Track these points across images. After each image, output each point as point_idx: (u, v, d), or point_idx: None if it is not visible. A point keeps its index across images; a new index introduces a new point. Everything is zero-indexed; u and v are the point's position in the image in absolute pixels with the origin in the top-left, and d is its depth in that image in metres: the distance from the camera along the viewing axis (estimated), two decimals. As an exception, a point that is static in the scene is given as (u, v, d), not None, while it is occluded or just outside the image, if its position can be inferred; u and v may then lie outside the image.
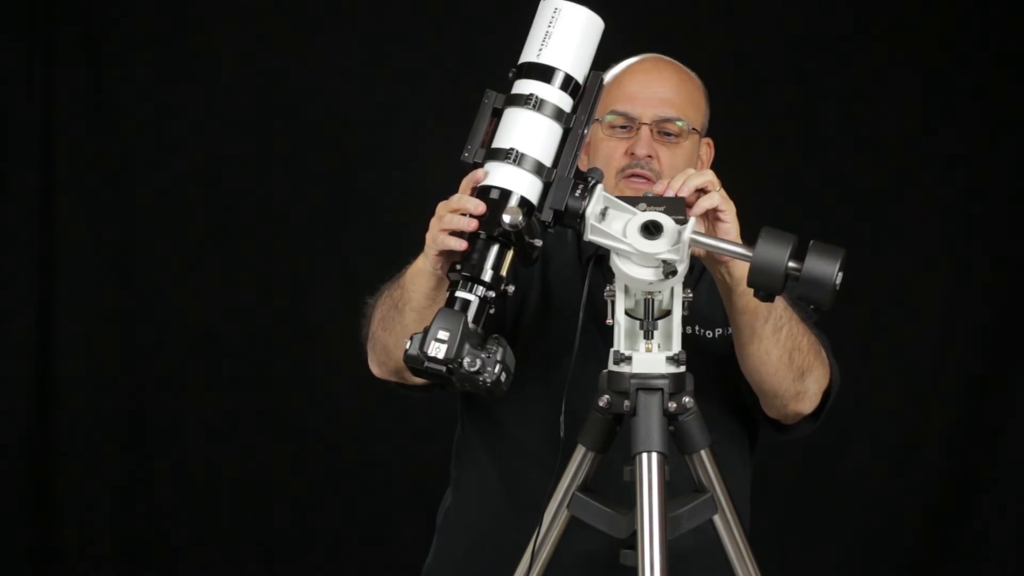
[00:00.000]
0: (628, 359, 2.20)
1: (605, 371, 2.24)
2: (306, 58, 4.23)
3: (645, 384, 2.20)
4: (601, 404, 2.24)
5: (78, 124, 4.19)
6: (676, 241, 2.16)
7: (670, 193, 2.26)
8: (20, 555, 4.22)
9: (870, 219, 4.22)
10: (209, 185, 4.25)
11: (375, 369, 2.58)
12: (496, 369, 2.06)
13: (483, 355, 2.06)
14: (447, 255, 2.22)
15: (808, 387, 2.49)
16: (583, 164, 2.52)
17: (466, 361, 2.05)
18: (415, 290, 2.37)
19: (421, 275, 2.34)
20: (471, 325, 2.08)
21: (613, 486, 2.28)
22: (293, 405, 4.27)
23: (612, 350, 2.22)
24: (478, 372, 2.05)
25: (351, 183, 4.26)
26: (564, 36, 2.19)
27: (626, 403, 2.20)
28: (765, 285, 2.16)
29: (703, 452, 2.26)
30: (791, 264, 2.14)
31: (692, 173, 2.30)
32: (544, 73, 2.19)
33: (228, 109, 4.23)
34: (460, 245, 2.17)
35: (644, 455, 2.18)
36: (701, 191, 2.29)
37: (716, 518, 2.28)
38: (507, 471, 2.63)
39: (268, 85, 4.23)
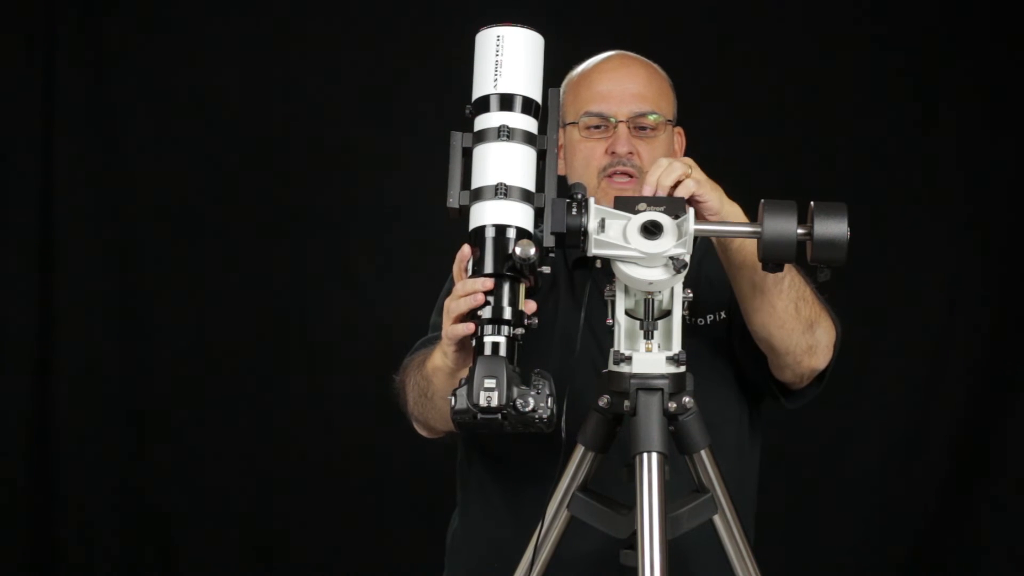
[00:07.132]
0: (628, 359, 2.20)
1: (605, 371, 2.24)
2: (308, 57, 4.23)
3: (645, 384, 2.19)
4: (601, 404, 2.24)
5: (78, 124, 4.18)
6: (679, 235, 2.15)
7: (647, 192, 2.23)
8: (21, 555, 4.22)
9: (870, 218, 4.22)
10: (210, 184, 4.24)
11: (424, 433, 2.61)
12: (549, 403, 2.05)
13: (532, 392, 2.05)
14: (460, 343, 2.23)
15: (819, 339, 2.46)
16: (560, 169, 2.52)
17: (519, 403, 2.04)
18: (438, 384, 2.40)
19: (440, 372, 2.36)
20: (510, 365, 2.07)
21: (613, 486, 2.28)
22: (294, 405, 4.27)
23: (612, 350, 2.22)
24: (533, 410, 2.04)
25: (353, 184, 4.25)
26: (514, 61, 2.19)
27: (626, 403, 2.20)
28: (778, 257, 2.17)
29: (703, 452, 2.26)
30: (800, 231, 2.15)
31: (662, 170, 2.26)
32: (506, 102, 2.18)
33: (230, 109, 4.22)
34: (468, 330, 2.15)
35: (644, 455, 2.18)
36: (677, 184, 2.25)
37: (716, 518, 2.28)
38: (509, 488, 2.63)
39: (270, 84, 4.23)
